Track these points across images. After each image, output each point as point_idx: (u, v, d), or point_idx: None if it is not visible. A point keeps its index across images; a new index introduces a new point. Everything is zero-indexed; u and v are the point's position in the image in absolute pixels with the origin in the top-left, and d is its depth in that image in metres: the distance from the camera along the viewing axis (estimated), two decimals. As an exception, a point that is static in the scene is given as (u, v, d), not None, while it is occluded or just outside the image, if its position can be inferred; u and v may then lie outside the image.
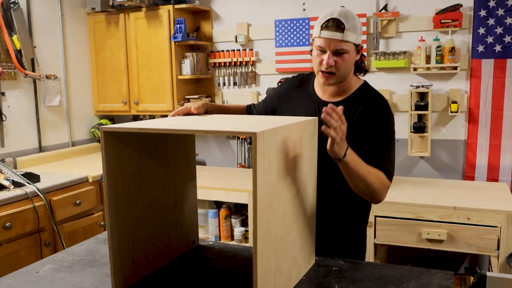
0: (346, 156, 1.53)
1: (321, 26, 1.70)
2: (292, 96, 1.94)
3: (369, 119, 1.74)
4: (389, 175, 1.72)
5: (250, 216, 3.41)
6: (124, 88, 4.16)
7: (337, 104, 1.71)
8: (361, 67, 1.86)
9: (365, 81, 1.89)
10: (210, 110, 1.83)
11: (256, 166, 1.13)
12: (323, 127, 1.44)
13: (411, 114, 3.42)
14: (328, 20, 1.69)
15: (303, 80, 1.97)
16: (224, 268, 1.59)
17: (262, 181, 1.17)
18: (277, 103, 1.99)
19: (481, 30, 3.29)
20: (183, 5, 3.88)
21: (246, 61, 4.01)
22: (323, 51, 1.72)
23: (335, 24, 1.67)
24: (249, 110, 2.11)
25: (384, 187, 1.69)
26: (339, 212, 1.87)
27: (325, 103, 1.75)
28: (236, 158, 4.15)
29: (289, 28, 3.82)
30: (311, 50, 1.81)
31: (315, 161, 1.57)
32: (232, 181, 3.62)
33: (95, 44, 4.25)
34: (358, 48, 1.77)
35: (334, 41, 1.68)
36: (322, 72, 1.73)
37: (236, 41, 3.98)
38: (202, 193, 3.12)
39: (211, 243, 1.86)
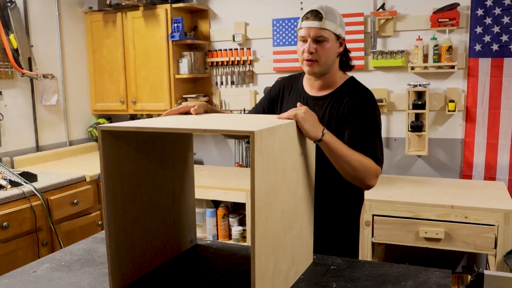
0: (325, 135, 1.56)
1: (302, 18, 1.83)
2: (284, 95, 2.02)
3: (353, 109, 1.80)
4: (378, 161, 1.76)
5: (248, 215, 3.42)
6: (121, 87, 4.15)
7: (323, 98, 1.88)
8: (347, 63, 1.94)
9: (351, 76, 1.95)
10: (210, 111, 1.83)
11: (254, 165, 1.13)
12: (288, 115, 1.45)
13: (408, 113, 3.42)
14: (308, 12, 1.83)
15: (293, 79, 2.04)
16: (222, 267, 1.59)
17: (260, 180, 1.16)
18: (269, 104, 2.06)
19: (478, 29, 3.29)
20: (181, 4, 3.88)
21: (243, 60, 4.01)
22: (305, 40, 1.82)
23: (314, 14, 1.81)
24: None
25: (372, 171, 1.71)
26: (331, 208, 1.90)
27: (313, 97, 1.91)
28: (233, 157, 4.15)
29: (286, 27, 3.82)
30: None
31: (313, 159, 1.57)
32: (230, 180, 3.61)
33: (92, 43, 4.24)
34: (340, 40, 1.85)
35: (313, 29, 1.79)
36: (305, 60, 1.82)
37: (234, 40, 3.98)
38: (200, 192, 3.12)
39: (209, 242, 1.86)
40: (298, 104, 1.61)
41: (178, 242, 1.70)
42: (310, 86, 1.94)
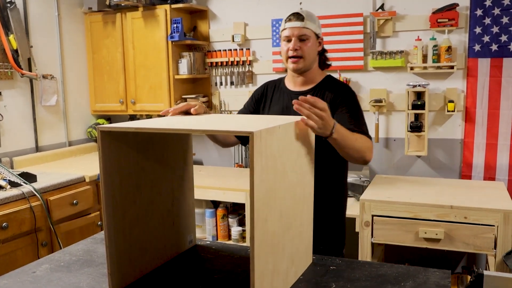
0: (333, 134, 1.63)
1: (285, 20, 2.05)
2: (268, 95, 2.20)
3: (337, 100, 2.00)
4: (369, 137, 1.96)
5: (248, 215, 3.42)
6: (121, 88, 4.15)
7: (305, 93, 2.05)
8: (325, 62, 2.16)
9: (329, 74, 2.17)
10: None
11: (253, 165, 1.13)
12: (302, 119, 1.48)
13: (408, 113, 3.42)
14: (290, 15, 2.05)
15: (275, 82, 2.24)
16: (221, 267, 1.59)
17: (259, 180, 1.16)
18: (255, 106, 2.22)
19: (478, 29, 3.29)
20: (180, 5, 3.88)
21: (243, 61, 4.01)
22: (289, 40, 2.03)
23: (296, 16, 2.03)
24: None
25: (369, 147, 1.88)
26: (317, 202, 1.91)
27: (295, 93, 2.08)
28: (233, 158, 4.15)
29: (286, 27, 3.82)
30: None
31: (312, 160, 1.57)
32: (229, 180, 3.61)
33: (92, 44, 4.24)
34: (319, 39, 2.09)
35: (296, 28, 2.02)
36: (290, 57, 2.03)
37: (233, 41, 3.98)
38: (199, 193, 3.12)
39: (208, 242, 1.86)
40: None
41: (178, 243, 1.69)
42: (293, 84, 2.14)
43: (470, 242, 2.72)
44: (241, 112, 2.29)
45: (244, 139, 2.23)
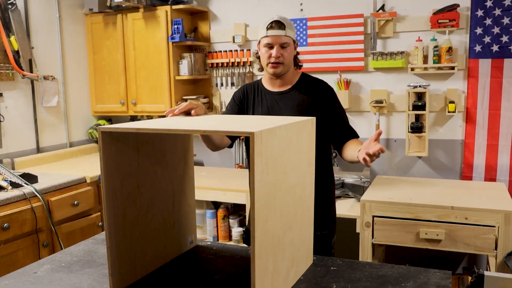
0: None
1: (267, 27, 2.16)
2: (249, 97, 2.32)
3: (320, 99, 2.19)
4: (358, 135, 2.22)
5: (248, 216, 3.41)
6: (121, 89, 4.15)
7: (285, 92, 2.23)
8: (297, 62, 2.29)
9: (303, 72, 2.32)
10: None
11: (253, 166, 1.13)
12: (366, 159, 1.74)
13: (408, 114, 3.42)
14: (271, 22, 2.15)
15: (253, 85, 2.35)
16: (222, 268, 1.59)
17: (260, 181, 1.17)
18: (239, 105, 2.32)
19: (478, 30, 3.29)
20: (181, 6, 3.88)
21: (243, 62, 4.01)
22: (271, 47, 2.16)
23: (278, 25, 2.15)
24: None
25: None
26: None
27: (277, 93, 2.25)
28: (234, 159, 4.15)
29: (286, 28, 3.82)
30: (257, 52, 2.28)
31: (312, 161, 1.57)
32: (230, 181, 3.61)
33: (92, 45, 4.25)
34: (295, 44, 2.24)
35: (279, 37, 2.15)
36: (271, 63, 2.16)
37: (234, 42, 3.98)
38: (200, 194, 3.12)
39: (209, 243, 1.86)
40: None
41: (178, 243, 1.70)
42: (272, 85, 2.27)
43: (470, 243, 2.72)
44: (227, 113, 2.38)
45: (233, 140, 2.34)
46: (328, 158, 2.30)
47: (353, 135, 2.21)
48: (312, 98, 2.20)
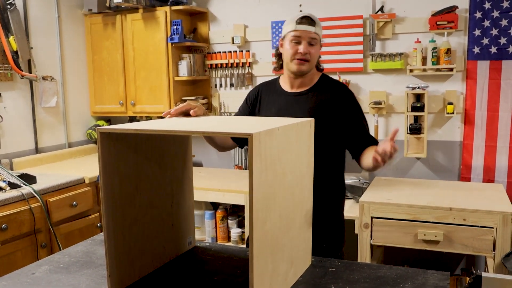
0: None
1: (296, 21, 2.03)
2: (263, 97, 2.20)
3: (339, 103, 2.05)
4: (377, 142, 2.06)
5: (247, 217, 3.42)
6: (121, 90, 4.15)
7: (302, 94, 2.09)
8: (318, 66, 2.16)
9: (323, 74, 2.18)
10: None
11: (252, 167, 1.14)
12: (377, 158, 1.67)
13: (407, 116, 3.43)
14: (302, 17, 2.04)
15: (268, 84, 2.24)
16: (220, 269, 1.59)
17: (258, 182, 1.17)
18: (250, 108, 2.22)
19: (477, 32, 3.30)
20: (180, 7, 3.88)
21: (242, 63, 4.02)
22: (298, 42, 2.03)
23: (308, 20, 2.03)
24: None
25: None
26: (315, 200, 1.94)
27: (294, 94, 2.12)
28: (232, 160, 4.15)
29: (285, 29, 3.82)
30: (276, 49, 2.16)
31: (311, 162, 1.57)
32: (229, 182, 3.62)
33: (92, 45, 4.25)
34: (321, 44, 2.11)
35: (308, 32, 2.02)
36: (297, 59, 2.03)
37: (233, 43, 3.99)
38: (199, 194, 3.12)
39: (208, 244, 1.86)
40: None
41: (177, 244, 1.70)
42: (290, 85, 2.14)
43: (469, 244, 2.72)
44: (237, 115, 2.29)
45: (241, 142, 2.24)
46: (341, 171, 2.17)
47: (373, 142, 2.05)
48: (329, 102, 2.05)
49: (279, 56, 2.15)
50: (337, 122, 2.03)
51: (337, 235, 2.16)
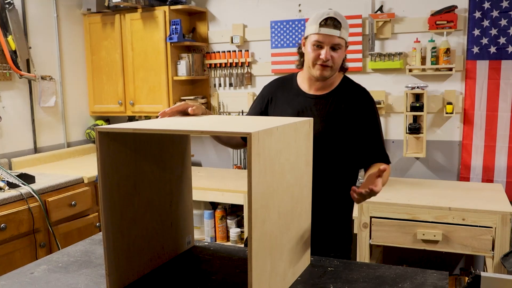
0: None
1: (319, 23, 1.86)
2: (277, 95, 2.06)
3: (356, 108, 1.94)
4: (389, 161, 1.93)
5: (246, 217, 3.41)
6: (119, 89, 4.15)
7: (322, 97, 1.97)
8: (342, 65, 2.03)
9: (344, 75, 2.07)
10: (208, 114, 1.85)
11: (251, 166, 1.13)
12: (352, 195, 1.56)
13: (406, 115, 3.43)
14: (326, 19, 1.86)
15: (285, 80, 2.10)
16: (219, 269, 1.59)
17: (257, 182, 1.17)
18: (264, 105, 2.09)
19: (476, 32, 3.30)
20: (179, 6, 3.88)
21: (242, 62, 4.01)
22: (320, 46, 1.88)
23: (333, 23, 1.86)
24: None
25: (387, 177, 1.82)
26: (325, 208, 1.94)
27: (313, 96, 1.99)
28: (231, 159, 4.15)
29: (285, 29, 3.83)
30: (299, 48, 2.02)
31: (310, 161, 1.57)
32: (228, 182, 3.61)
33: (90, 45, 4.24)
34: (347, 45, 1.97)
35: (332, 37, 1.86)
36: (320, 64, 1.90)
37: (232, 42, 3.99)
38: (198, 194, 3.12)
39: (207, 244, 1.86)
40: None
41: (176, 244, 1.69)
42: (309, 86, 2.01)
43: (468, 244, 2.72)
44: (250, 112, 2.17)
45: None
46: (353, 180, 2.04)
47: (383, 159, 1.91)
48: (348, 109, 1.94)
49: (301, 54, 2.02)
50: (353, 131, 1.92)
51: (346, 244, 2.09)
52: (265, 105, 2.08)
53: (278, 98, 2.05)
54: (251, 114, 2.16)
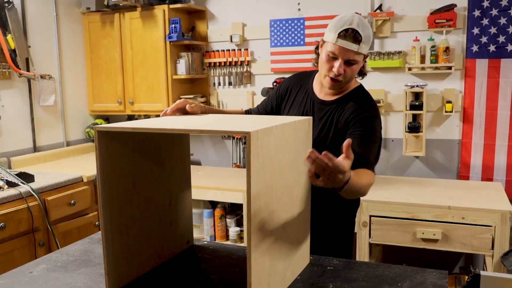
0: (344, 188, 1.44)
1: (339, 33, 1.72)
2: (292, 93, 2.01)
3: (355, 116, 1.81)
4: (373, 170, 1.79)
5: (245, 216, 3.41)
6: (119, 88, 4.15)
7: (329, 103, 1.90)
8: (361, 71, 1.91)
9: (360, 84, 1.96)
10: (208, 112, 1.83)
11: (250, 165, 1.13)
12: (309, 170, 1.33)
13: (405, 114, 3.42)
14: (346, 30, 1.72)
15: (303, 79, 2.03)
16: (218, 268, 1.59)
17: (256, 181, 1.17)
18: (278, 100, 2.06)
19: (475, 30, 3.30)
20: (178, 5, 3.88)
21: (241, 61, 4.01)
22: (335, 58, 1.77)
23: (353, 35, 1.72)
24: (248, 113, 2.14)
25: (369, 185, 1.71)
26: (328, 210, 1.93)
27: (319, 101, 1.93)
28: (231, 158, 4.15)
29: (284, 28, 3.82)
30: (316, 47, 1.91)
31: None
32: (227, 181, 3.61)
33: (90, 44, 4.24)
34: (365, 59, 1.85)
35: (349, 52, 1.74)
36: (330, 77, 1.81)
37: (231, 41, 3.98)
38: (197, 193, 3.12)
39: (206, 243, 1.86)
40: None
41: (175, 243, 1.69)
42: (320, 89, 1.95)
43: (467, 243, 2.73)
44: (261, 105, 2.12)
45: None
46: None
47: (362, 164, 1.70)
48: (344, 117, 1.84)
49: (317, 55, 1.92)
50: (343, 139, 1.75)
51: (347, 249, 2.05)
52: (279, 101, 2.05)
53: (291, 95, 2.01)
54: (266, 103, 2.12)
